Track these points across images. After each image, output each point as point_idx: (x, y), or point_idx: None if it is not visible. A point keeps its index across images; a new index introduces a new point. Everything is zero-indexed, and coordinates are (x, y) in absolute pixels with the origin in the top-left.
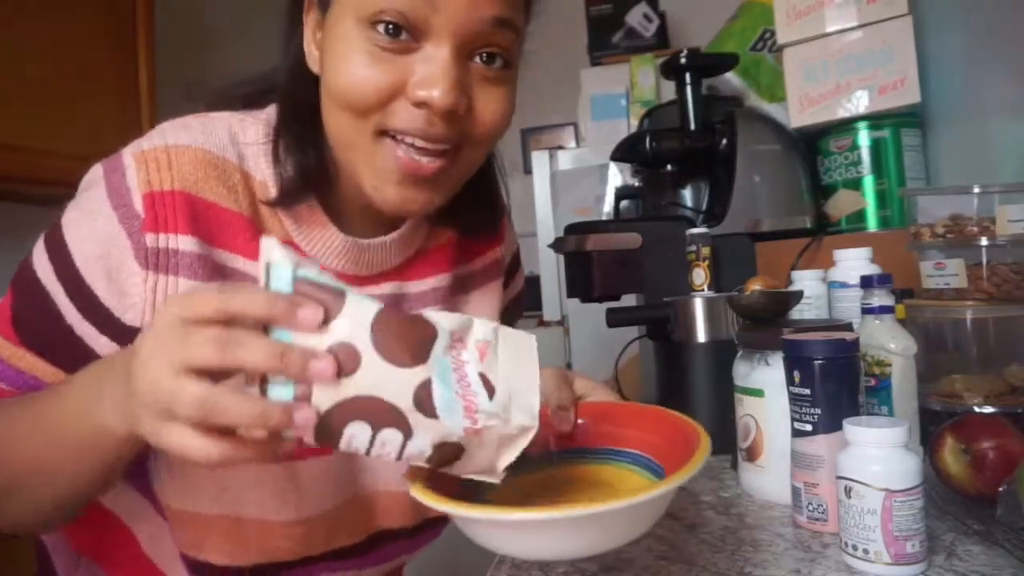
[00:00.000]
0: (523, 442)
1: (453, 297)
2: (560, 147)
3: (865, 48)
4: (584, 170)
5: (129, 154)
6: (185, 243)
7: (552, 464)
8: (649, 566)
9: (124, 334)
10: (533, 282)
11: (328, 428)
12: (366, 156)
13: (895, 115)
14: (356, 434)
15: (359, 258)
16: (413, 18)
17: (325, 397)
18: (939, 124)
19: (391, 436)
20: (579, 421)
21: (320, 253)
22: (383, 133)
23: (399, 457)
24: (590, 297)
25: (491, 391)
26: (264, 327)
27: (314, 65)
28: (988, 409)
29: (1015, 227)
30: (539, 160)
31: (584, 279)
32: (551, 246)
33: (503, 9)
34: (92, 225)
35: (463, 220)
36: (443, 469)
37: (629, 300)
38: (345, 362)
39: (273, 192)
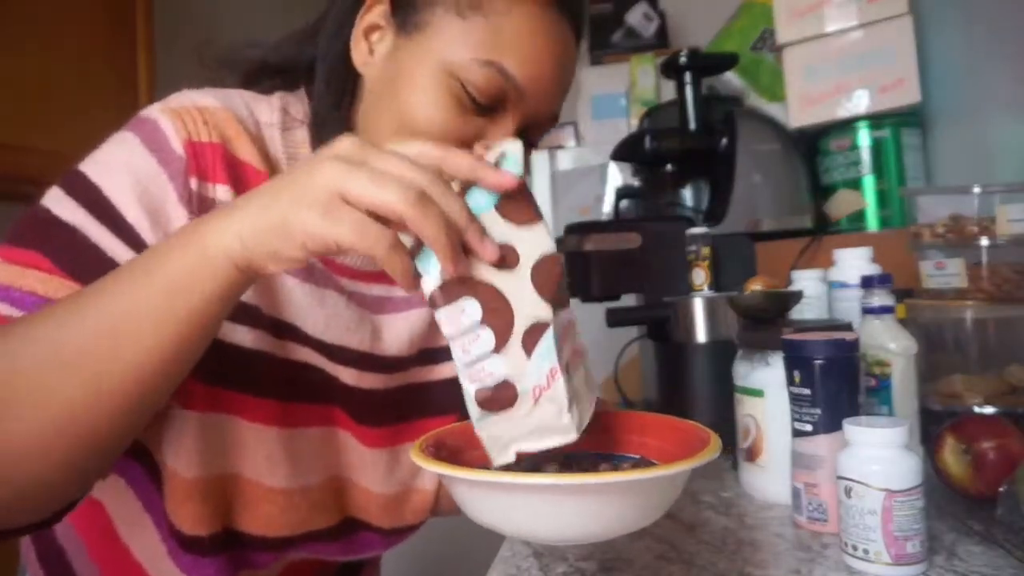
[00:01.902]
0: (553, 442)
1: None
2: (560, 147)
3: (865, 48)
4: (584, 170)
5: (156, 110)
6: (224, 194)
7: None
8: (649, 566)
9: None
10: None
11: (459, 285)
12: None
13: (895, 115)
14: (468, 310)
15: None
16: (503, 95)
17: (477, 267)
18: (939, 124)
19: (487, 337)
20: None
21: None
22: None
23: (470, 363)
24: (590, 297)
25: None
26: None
27: (362, 64)
28: (988, 409)
29: (1015, 227)
30: (539, 160)
31: (584, 279)
32: None
33: (559, 107)
34: (127, 161)
35: None
36: (476, 418)
37: (629, 300)
38: (508, 257)
39: None
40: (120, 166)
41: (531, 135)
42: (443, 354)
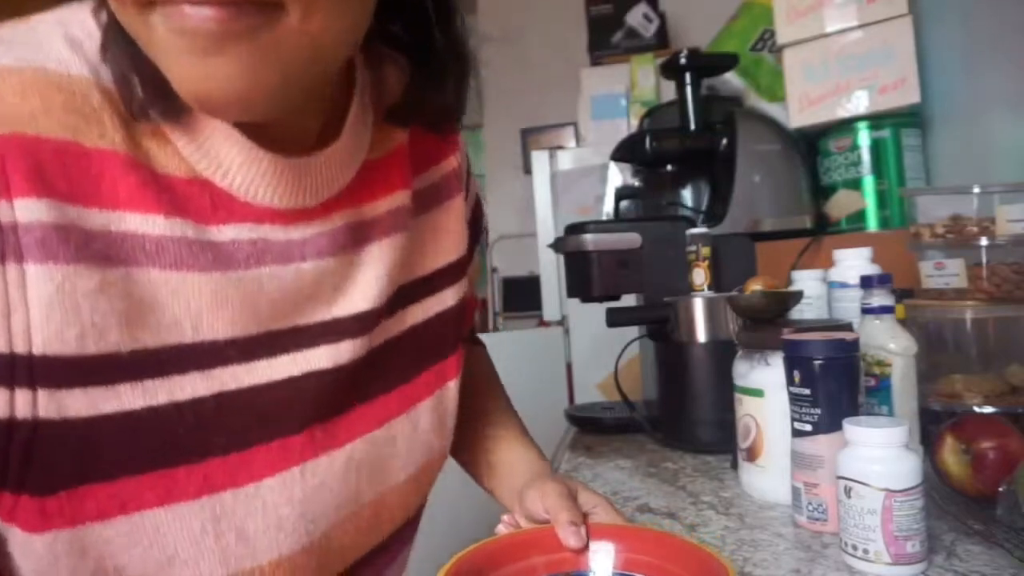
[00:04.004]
0: None
1: (416, 217)
2: (560, 147)
3: (865, 48)
4: (584, 170)
5: None
6: (29, 211)
7: None
8: None
9: None
10: (533, 282)
11: None
12: (147, 41)
13: (895, 115)
14: None
15: (297, 183)
16: None
17: None
18: (939, 124)
19: None
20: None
21: (244, 183)
22: (149, 4)
23: None
24: (590, 297)
25: None
26: None
27: None
28: (988, 409)
29: (1015, 227)
30: (539, 160)
31: (584, 279)
32: (551, 246)
33: None
34: None
35: (416, 110)
36: None
37: (629, 300)
38: None
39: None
40: None
41: None
42: (426, 286)
